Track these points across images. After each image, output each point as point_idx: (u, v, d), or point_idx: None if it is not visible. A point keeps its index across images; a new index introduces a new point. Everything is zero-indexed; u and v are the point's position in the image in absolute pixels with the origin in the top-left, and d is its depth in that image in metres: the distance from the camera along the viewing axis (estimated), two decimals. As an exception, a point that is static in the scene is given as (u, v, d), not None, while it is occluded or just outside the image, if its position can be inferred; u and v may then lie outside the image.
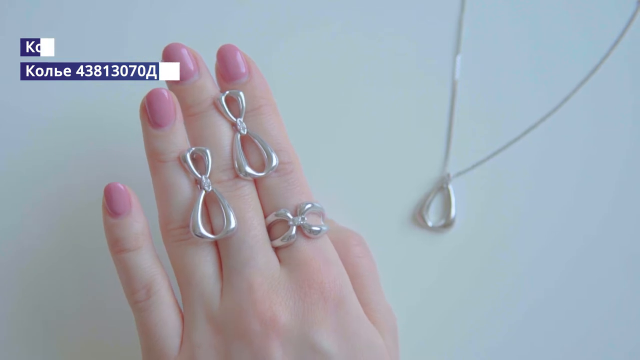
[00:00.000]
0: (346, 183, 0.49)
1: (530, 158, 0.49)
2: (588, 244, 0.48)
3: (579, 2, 0.51)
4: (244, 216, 0.39)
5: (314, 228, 0.39)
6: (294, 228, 0.39)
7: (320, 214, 0.41)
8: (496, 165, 0.49)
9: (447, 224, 0.48)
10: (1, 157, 0.50)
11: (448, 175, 0.49)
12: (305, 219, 0.39)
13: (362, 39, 0.51)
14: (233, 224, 0.38)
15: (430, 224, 0.48)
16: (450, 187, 0.49)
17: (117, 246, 0.40)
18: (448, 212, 0.48)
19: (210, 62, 0.42)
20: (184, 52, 0.41)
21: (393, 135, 0.50)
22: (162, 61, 0.41)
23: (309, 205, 0.39)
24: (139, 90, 0.42)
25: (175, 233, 0.39)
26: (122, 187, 0.40)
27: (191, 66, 0.41)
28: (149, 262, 0.40)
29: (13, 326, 0.48)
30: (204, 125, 0.40)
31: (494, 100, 0.50)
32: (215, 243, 0.39)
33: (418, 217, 0.48)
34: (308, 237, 0.39)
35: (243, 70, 0.41)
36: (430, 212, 0.48)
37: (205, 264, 0.39)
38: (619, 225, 0.48)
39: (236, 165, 0.39)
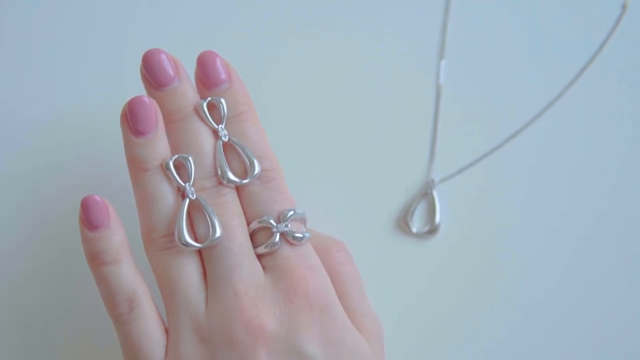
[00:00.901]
0: (329, 188, 0.49)
1: (516, 163, 0.49)
2: (575, 248, 0.48)
3: (564, 7, 0.51)
4: (229, 224, 0.39)
5: (297, 235, 0.39)
6: (278, 235, 0.39)
7: (303, 220, 0.41)
8: (481, 171, 0.49)
9: (432, 230, 0.48)
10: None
11: (432, 181, 0.49)
12: (289, 225, 0.39)
13: (346, 45, 0.51)
14: (219, 232, 0.38)
15: (414, 230, 0.48)
16: (435, 193, 0.48)
17: (97, 260, 0.39)
18: (432, 218, 0.48)
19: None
20: (164, 57, 0.40)
21: (377, 141, 0.50)
22: (142, 67, 0.40)
23: (291, 212, 0.39)
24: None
25: (159, 242, 0.39)
26: (99, 199, 0.39)
27: (171, 72, 0.40)
28: (130, 275, 0.39)
29: (11, 330, 0.48)
30: (185, 132, 0.40)
31: (478, 106, 0.50)
32: (199, 251, 0.39)
33: (402, 223, 0.48)
34: (291, 244, 0.39)
35: (223, 77, 0.41)
36: (415, 218, 0.48)
37: (189, 272, 0.39)
38: (608, 231, 0.48)
39: (219, 172, 0.39)
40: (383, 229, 0.49)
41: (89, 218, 0.39)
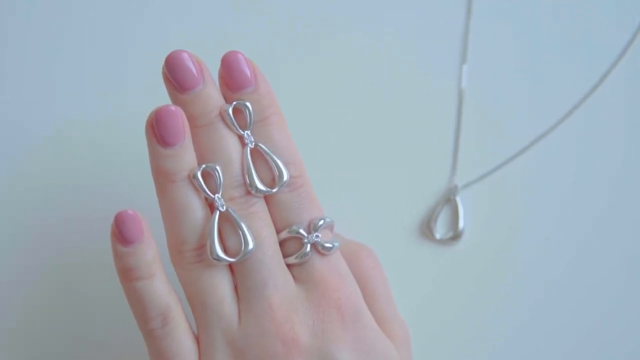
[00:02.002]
0: (352, 194, 0.49)
1: (540, 169, 0.49)
2: (601, 255, 0.48)
3: (587, 11, 0.51)
4: (260, 235, 0.38)
5: (327, 245, 0.39)
6: (309, 246, 0.38)
7: (331, 227, 0.40)
8: (505, 177, 0.49)
9: (455, 236, 0.48)
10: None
11: (456, 186, 0.48)
12: (319, 236, 0.39)
13: (368, 49, 0.50)
14: (251, 245, 0.38)
15: (438, 236, 0.48)
16: (458, 198, 0.48)
17: (130, 275, 0.38)
18: (456, 224, 0.48)
19: (213, 68, 0.40)
20: (188, 59, 0.39)
21: (399, 146, 0.49)
22: (164, 70, 0.39)
23: (322, 221, 0.39)
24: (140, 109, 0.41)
25: (189, 255, 0.38)
26: (132, 213, 0.38)
27: (196, 74, 0.39)
28: (163, 289, 0.39)
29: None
30: (211, 139, 0.39)
31: (501, 110, 0.50)
32: (230, 264, 0.39)
33: (425, 229, 0.48)
34: (322, 254, 0.39)
35: (249, 79, 0.39)
36: (438, 224, 0.48)
37: (221, 286, 0.38)
38: (632, 235, 0.49)
39: (247, 182, 0.38)
40: (406, 235, 0.48)
41: (122, 233, 0.38)
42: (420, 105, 0.50)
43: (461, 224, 0.48)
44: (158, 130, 0.38)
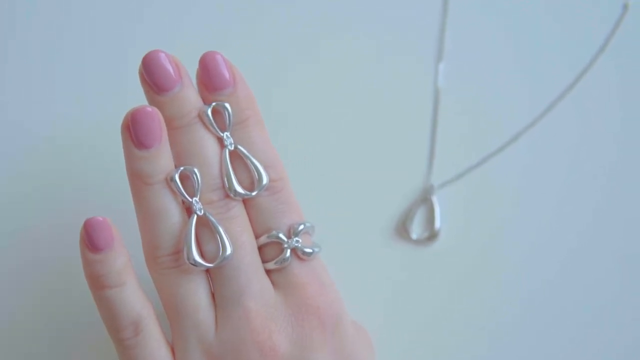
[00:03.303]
0: (326, 194, 0.48)
1: (516, 167, 0.49)
2: (577, 255, 0.48)
3: (563, 10, 0.51)
4: (238, 240, 0.38)
5: (308, 250, 0.39)
6: (288, 251, 0.38)
7: (312, 232, 0.40)
8: (481, 176, 0.48)
9: (431, 236, 0.47)
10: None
11: (431, 186, 0.48)
12: (300, 241, 0.38)
13: (343, 47, 0.50)
14: (229, 251, 0.37)
15: (414, 236, 0.48)
16: (434, 198, 0.48)
17: (100, 283, 0.37)
18: (432, 224, 0.48)
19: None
20: (165, 59, 0.38)
21: (375, 146, 0.49)
22: (141, 70, 0.38)
23: (302, 226, 0.39)
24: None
25: (164, 260, 0.37)
26: (102, 220, 0.37)
27: (173, 75, 0.38)
28: (135, 298, 0.38)
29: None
30: (189, 141, 0.38)
31: (478, 109, 0.49)
32: (206, 269, 0.38)
33: (401, 229, 0.48)
34: (302, 260, 0.39)
35: (227, 80, 0.39)
36: (414, 224, 0.48)
37: (198, 293, 0.38)
38: (607, 235, 0.48)
39: (226, 185, 0.38)
40: (382, 236, 0.48)
41: (91, 240, 0.37)
42: (396, 104, 0.49)
43: (437, 224, 0.47)
44: (134, 132, 0.37)
